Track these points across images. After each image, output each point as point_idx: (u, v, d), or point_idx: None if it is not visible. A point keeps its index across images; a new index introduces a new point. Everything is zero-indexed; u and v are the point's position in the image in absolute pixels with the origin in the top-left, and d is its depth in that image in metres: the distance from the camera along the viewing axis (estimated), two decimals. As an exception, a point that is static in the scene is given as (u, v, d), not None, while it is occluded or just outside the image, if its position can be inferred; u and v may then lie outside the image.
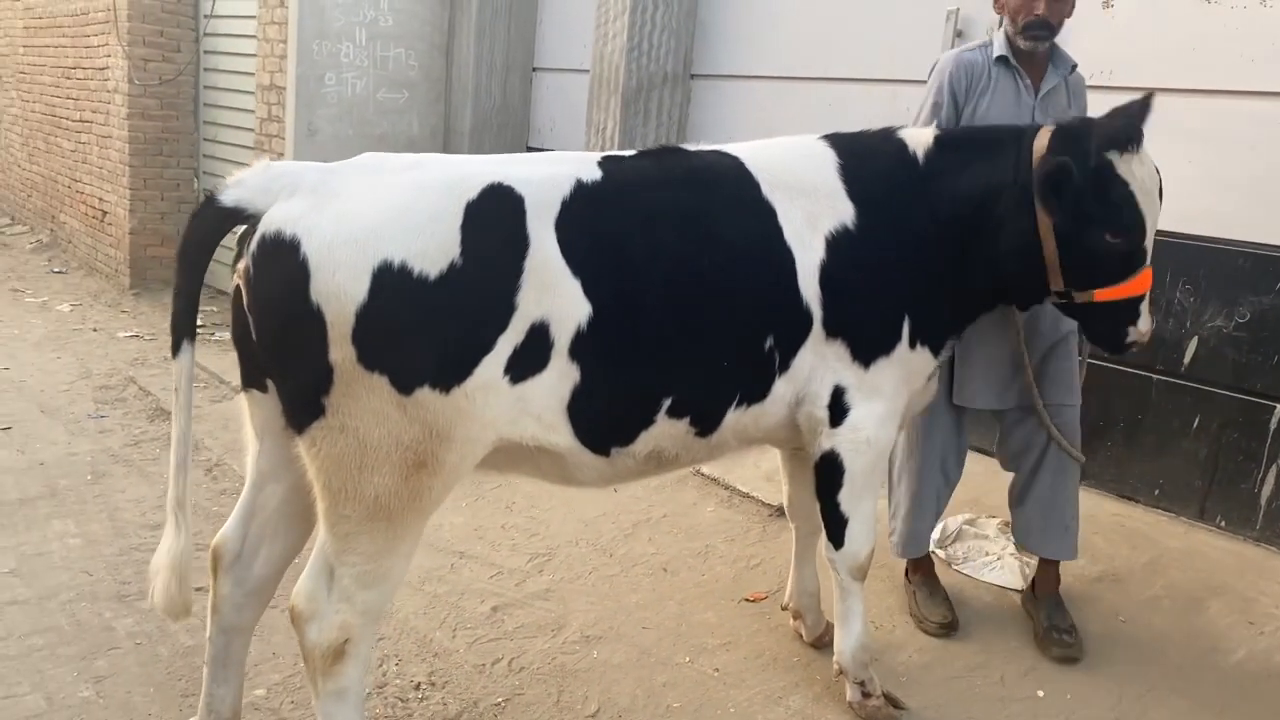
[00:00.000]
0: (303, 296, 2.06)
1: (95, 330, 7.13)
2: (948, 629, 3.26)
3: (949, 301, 2.79)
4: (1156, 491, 4.02)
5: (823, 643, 3.18)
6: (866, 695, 2.85)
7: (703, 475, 4.41)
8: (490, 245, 2.17)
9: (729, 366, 2.52)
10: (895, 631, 3.29)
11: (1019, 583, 3.47)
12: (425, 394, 2.12)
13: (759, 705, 2.95)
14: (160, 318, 7.57)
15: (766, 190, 2.57)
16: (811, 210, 2.60)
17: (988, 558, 3.62)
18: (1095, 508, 4.07)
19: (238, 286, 2.21)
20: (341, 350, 2.07)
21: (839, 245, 2.59)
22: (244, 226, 2.18)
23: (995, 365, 3.14)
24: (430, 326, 2.12)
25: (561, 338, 2.24)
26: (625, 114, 5.69)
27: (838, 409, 2.66)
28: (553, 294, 2.22)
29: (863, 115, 4.73)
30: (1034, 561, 3.48)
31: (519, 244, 2.20)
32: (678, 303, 2.41)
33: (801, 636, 3.23)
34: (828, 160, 2.69)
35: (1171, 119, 3.88)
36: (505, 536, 3.94)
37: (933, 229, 2.70)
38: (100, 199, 9.10)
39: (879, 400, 2.69)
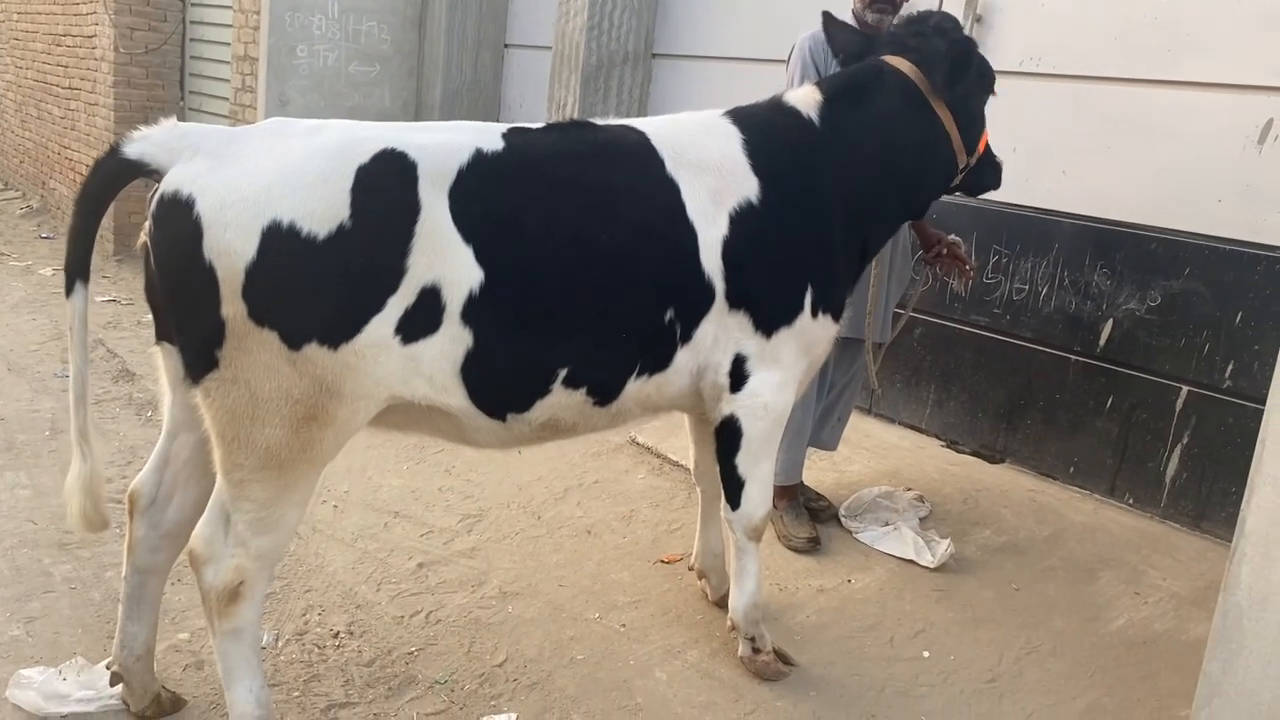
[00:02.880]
0: (196, 254, 2.19)
1: (72, 294, 7.27)
2: (813, 543, 3.69)
3: (854, 256, 3.01)
4: (1071, 469, 4.15)
5: (725, 602, 3.32)
6: (757, 651, 2.99)
7: (637, 445, 4.55)
8: (380, 208, 2.28)
9: (627, 339, 2.62)
10: (798, 593, 3.43)
11: (909, 552, 3.59)
12: (314, 350, 2.24)
13: (658, 658, 3.09)
14: (140, 282, 7.71)
15: (671, 167, 2.67)
16: (716, 186, 2.70)
17: (885, 527, 3.75)
18: (1011, 484, 4.21)
19: (144, 244, 2.34)
20: (232, 306, 2.20)
21: (743, 220, 2.69)
22: (143, 180, 2.31)
23: (856, 302, 3.42)
24: (318, 285, 2.24)
25: (453, 302, 2.35)
26: (585, 91, 5.80)
27: (738, 376, 2.78)
28: (444, 259, 2.33)
29: None
30: (935, 538, 3.63)
31: (410, 208, 2.31)
32: (573, 276, 2.50)
33: (706, 596, 3.37)
34: (731, 136, 2.80)
35: (1097, 107, 4.01)
36: (440, 498, 4.08)
37: (838, 188, 2.85)
38: (87, 166, 9.21)
39: (777, 368, 2.81)
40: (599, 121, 2.79)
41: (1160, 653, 3.10)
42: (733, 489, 2.93)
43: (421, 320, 2.34)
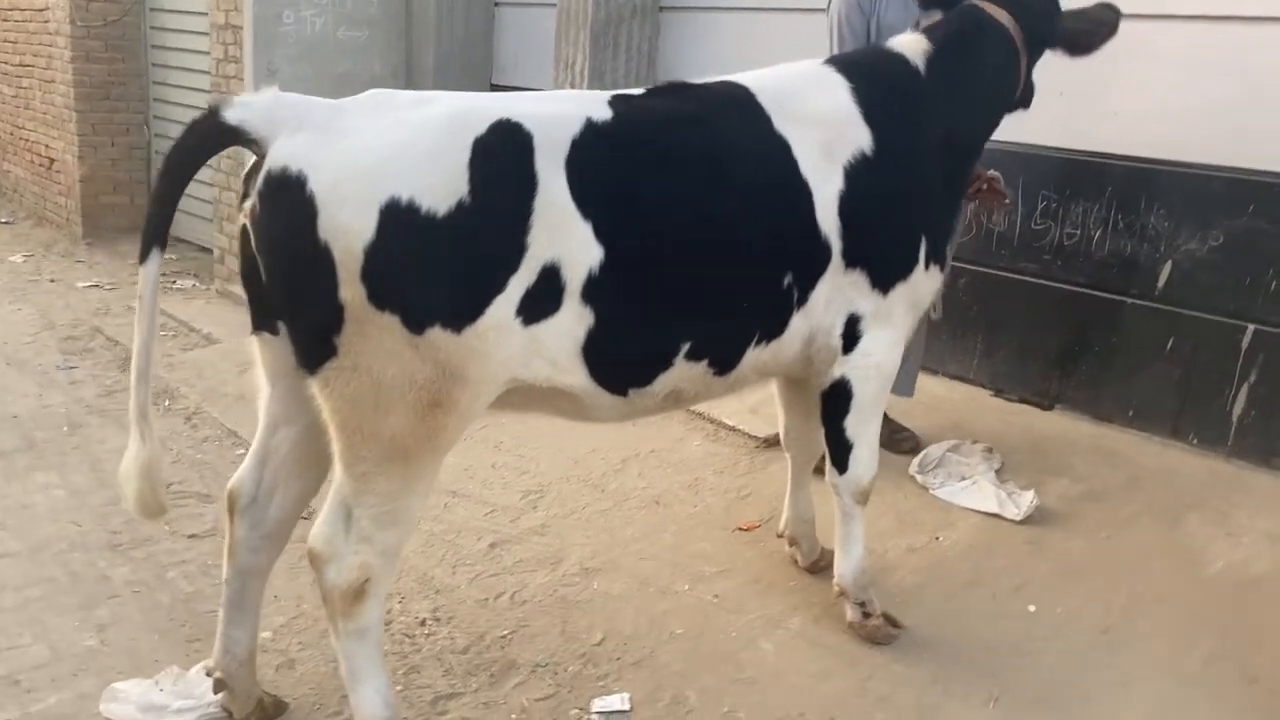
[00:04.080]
0: (310, 234, 2.03)
1: (53, 281, 6.97)
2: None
3: (955, 201, 2.99)
4: (1131, 413, 4.13)
5: (818, 568, 3.26)
6: (867, 615, 2.93)
7: (688, 410, 4.46)
8: (499, 183, 2.14)
9: (748, 308, 2.53)
10: (888, 555, 3.37)
11: (993, 505, 3.55)
12: (437, 333, 2.11)
13: (760, 629, 3.02)
14: (118, 266, 7.42)
15: (778, 123, 2.55)
16: (827, 139, 2.59)
17: (963, 482, 3.70)
18: (1071, 430, 4.19)
19: (244, 227, 2.17)
20: (351, 289, 2.05)
21: (858, 174, 2.59)
22: (243, 152, 2.15)
23: None
24: (440, 264, 2.10)
25: (574, 280, 2.23)
26: (595, 48, 5.61)
27: (850, 337, 2.70)
28: (563, 236, 2.20)
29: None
30: (1016, 489, 3.59)
31: (528, 183, 2.17)
32: (693, 246, 2.40)
33: (797, 562, 3.30)
34: (838, 85, 2.69)
35: (1148, 44, 3.94)
36: (496, 475, 3.95)
37: (943, 136, 2.78)
38: (46, 146, 8.82)
39: (889, 326, 2.74)
40: (697, 81, 2.67)
41: (1267, 594, 3.09)
42: (840, 452, 2.85)
43: (543, 300, 2.21)
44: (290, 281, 2.13)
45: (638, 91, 2.56)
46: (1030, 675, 2.79)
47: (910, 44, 2.86)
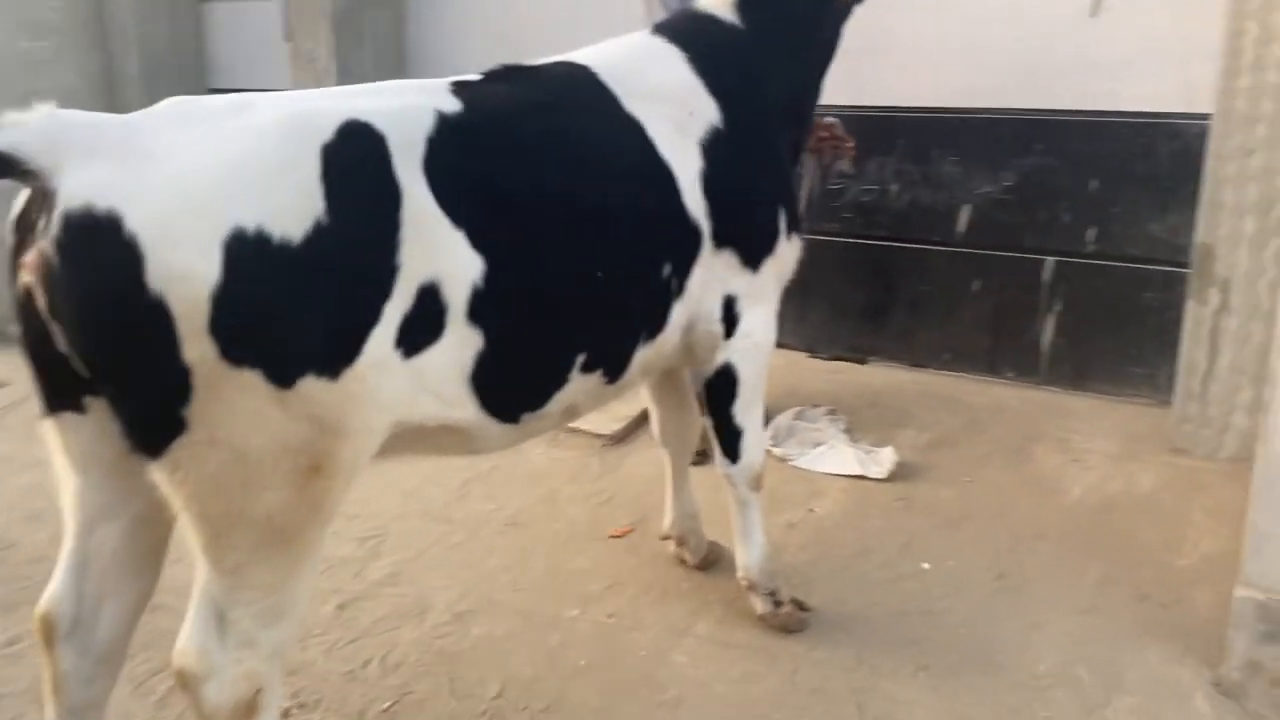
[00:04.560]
0: (136, 287, 1.59)
1: None
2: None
3: (794, 163, 2.85)
4: (946, 355, 4.26)
5: (708, 564, 3.10)
6: (778, 604, 2.80)
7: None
8: (358, 195, 1.78)
9: (633, 305, 2.31)
10: (770, 535, 3.25)
11: (855, 468, 3.53)
12: (309, 384, 1.73)
13: (667, 642, 2.81)
14: None
15: (628, 103, 2.33)
16: (678, 116, 2.40)
17: (818, 448, 3.67)
18: (894, 380, 4.27)
19: (27, 286, 1.69)
20: (198, 347, 1.63)
21: (714, 149, 2.42)
22: (17, 186, 1.66)
23: None
24: (305, 301, 1.72)
25: (456, 299, 1.92)
26: (339, 39, 5.14)
27: (729, 319, 2.54)
28: (437, 249, 1.88)
29: (621, 18, 4.56)
30: (873, 448, 3.59)
31: (390, 192, 1.83)
32: (574, 245, 2.14)
33: (685, 562, 3.12)
34: (675, 56, 2.50)
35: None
36: (323, 525, 3.50)
37: (776, 93, 2.65)
38: None
39: (764, 302, 2.61)
40: (535, 64, 2.40)
41: (1126, 511, 3.24)
42: (731, 440, 2.70)
43: (424, 326, 1.89)
44: (112, 349, 1.66)
45: (475, 78, 2.26)
46: (946, 635, 2.76)
47: (716, 1, 2.70)
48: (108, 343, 1.66)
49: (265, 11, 5.86)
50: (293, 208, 1.69)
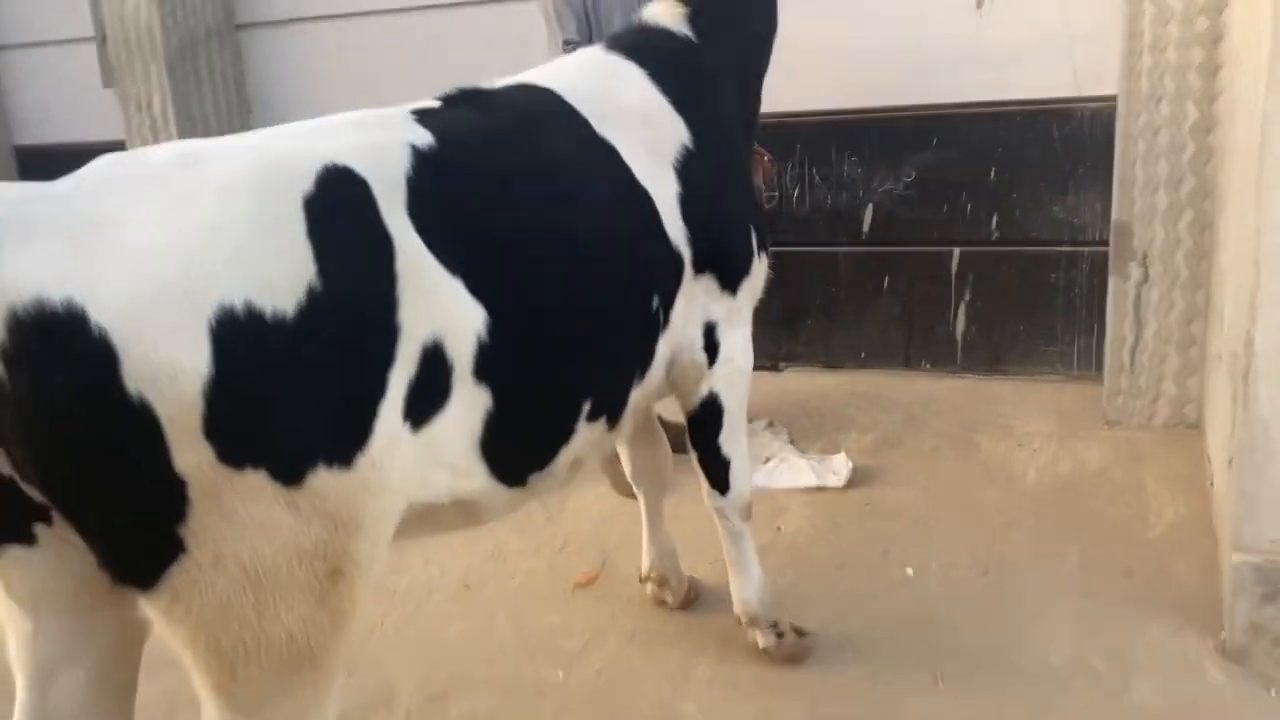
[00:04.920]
0: (112, 391, 1.31)
1: None
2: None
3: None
4: (862, 354, 4.27)
5: (689, 602, 2.94)
6: (780, 635, 2.67)
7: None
8: (349, 252, 1.54)
9: (628, 342, 2.14)
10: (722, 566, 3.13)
11: (812, 479, 3.46)
12: (321, 477, 1.47)
13: (669, 691, 2.63)
14: None
15: (599, 127, 2.16)
16: (650, 138, 2.25)
17: (769, 463, 3.58)
18: (813, 384, 4.24)
19: None
20: (192, 452, 1.36)
21: (687, 170, 2.28)
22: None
23: None
24: (307, 382, 1.47)
25: (461, 357, 1.70)
26: (174, 80, 4.70)
27: (711, 346, 2.40)
28: (435, 303, 1.65)
29: (475, 46, 4.38)
30: (824, 456, 3.52)
31: (381, 244, 1.59)
32: (569, 282, 1.95)
33: (666, 603, 2.95)
34: (636, 75, 2.35)
35: None
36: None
37: (733, 106, 2.56)
38: None
39: (741, 325, 2.50)
40: (490, 87, 2.19)
41: (1083, 489, 3.29)
42: (719, 472, 2.56)
43: (430, 392, 1.66)
44: (86, 469, 1.35)
45: (434, 104, 2.03)
46: (952, 640, 2.70)
47: (663, 12, 2.57)
48: (79, 463, 1.35)
49: (75, 57, 5.34)
50: (281, 276, 1.44)
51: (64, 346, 1.29)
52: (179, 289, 1.35)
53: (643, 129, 2.25)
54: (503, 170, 1.92)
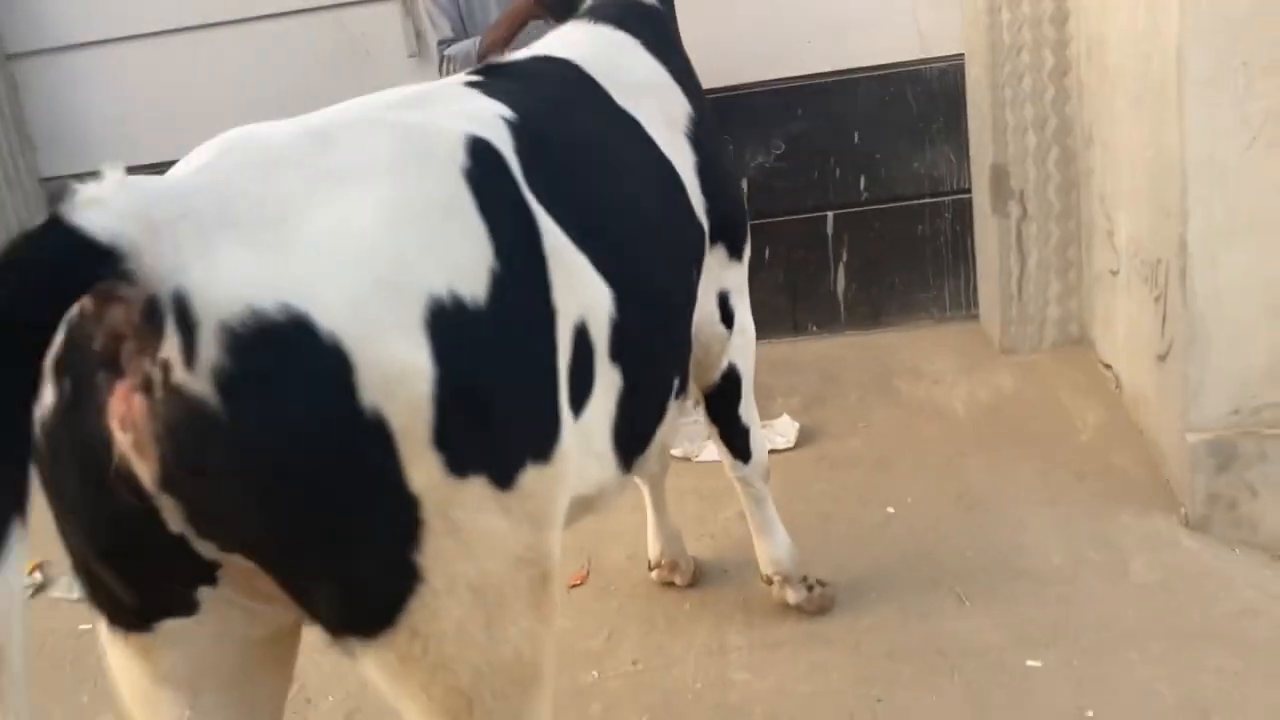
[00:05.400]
0: (348, 405, 1.14)
1: None
2: None
3: None
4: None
5: (695, 579, 2.93)
6: (810, 589, 2.72)
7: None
8: (510, 230, 1.42)
9: (687, 315, 2.12)
10: (730, 533, 3.15)
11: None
12: (529, 476, 1.36)
13: (714, 665, 2.61)
14: None
15: (620, 99, 2.09)
16: (663, 108, 2.22)
17: (709, 440, 3.61)
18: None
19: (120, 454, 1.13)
20: (424, 467, 1.20)
21: (697, 140, 2.26)
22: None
23: None
24: (510, 373, 1.36)
25: (600, 337, 1.61)
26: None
27: (727, 317, 2.41)
28: (575, 281, 1.56)
29: (306, 60, 4.14)
30: (766, 421, 3.59)
31: (529, 221, 1.48)
32: (651, 253, 1.89)
33: (676, 583, 2.92)
34: (635, 45, 2.31)
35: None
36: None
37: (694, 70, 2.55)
38: None
39: (745, 291, 2.52)
40: (510, 58, 2.10)
41: (1010, 411, 3.54)
42: (740, 442, 2.61)
43: (583, 376, 1.58)
44: (322, 502, 1.17)
45: (477, 78, 1.91)
46: (958, 562, 2.82)
47: None
48: (315, 495, 1.16)
49: None
50: (470, 259, 1.31)
51: (295, 360, 1.11)
52: (389, 281, 1.19)
53: (654, 100, 2.21)
54: (579, 141, 1.84)
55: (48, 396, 1.13)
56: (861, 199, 4.21)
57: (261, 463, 1.12)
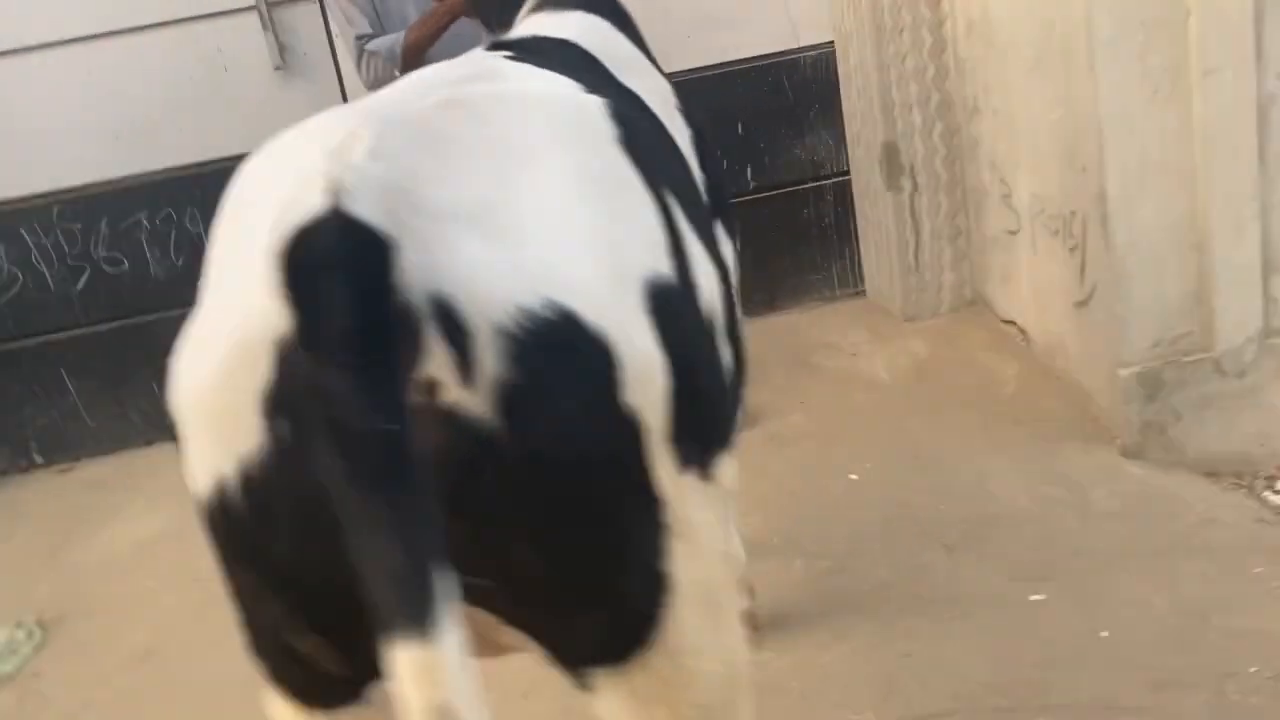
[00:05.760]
0: (615, 406, 1.05)
1: None
2: None
3: None
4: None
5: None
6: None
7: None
8: (661, 202, 1.34)
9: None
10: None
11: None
12: (723, 465, 1.32)
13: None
14: None
15: (622, 77, 2.04)
16: (654, 88, 2.18)
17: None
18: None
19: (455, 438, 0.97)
20: (664, 464, 1.11)
21: (686, 113, 2.24)
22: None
23: None
24: (706, 357, 1.31)
25: (716, 315, 1.51)
26: None
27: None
28: (694, 256, 1.45)
29: (156, 77, 3.85)
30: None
31: (661, 193, 1.44)
32: (706, 232, 1.86)
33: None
34: (609, 28, 2.26)
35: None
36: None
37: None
38: None
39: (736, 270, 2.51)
40: (515, 35, 2.01)
41: (934, 374, 3.70)
42: None
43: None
44: (596, 518, 1.07)
45: (504, 53, 1.82)
46: (933, 513, 2.91)
47: None
48: (586, 517, 1.05)
49: None
50: (657, 235, 1.24)
51: (569, 363, 1.01)
52: (612, 264, 1.11)
53: (644, 79, 2.18)
54: (637, 117, 1.78)
55: (250, 443, 0.97)
56: (750, 188, 4.31)
57: (541, 485, 1.00)
